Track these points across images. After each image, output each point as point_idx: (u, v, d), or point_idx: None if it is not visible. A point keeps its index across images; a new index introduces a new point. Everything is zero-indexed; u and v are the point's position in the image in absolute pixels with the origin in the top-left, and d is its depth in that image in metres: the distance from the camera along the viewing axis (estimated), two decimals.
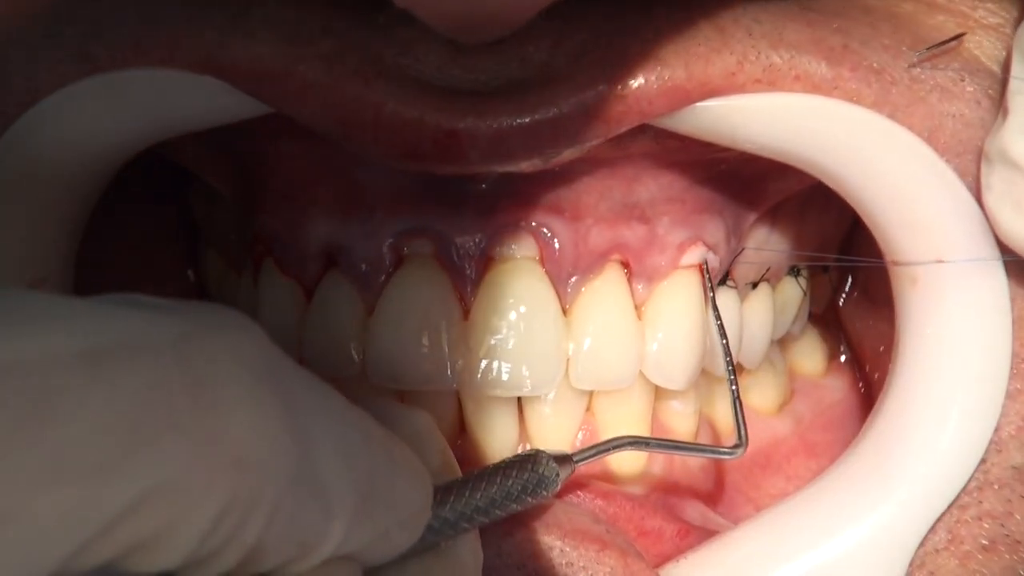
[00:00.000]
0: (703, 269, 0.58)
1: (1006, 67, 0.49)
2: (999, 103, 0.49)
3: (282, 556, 0.35)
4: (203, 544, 0.32)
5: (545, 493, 0.47)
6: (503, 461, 0.47)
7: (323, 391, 0.37)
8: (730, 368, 0.57)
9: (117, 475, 0.29)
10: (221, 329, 0.33)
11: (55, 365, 0.29)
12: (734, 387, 0.56)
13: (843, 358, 0.70)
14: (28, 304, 0.31)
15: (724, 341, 0.58)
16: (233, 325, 0.34)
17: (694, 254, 0.58)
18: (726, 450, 0.54)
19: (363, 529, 0.37)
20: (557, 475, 0.48)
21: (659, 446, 0.55)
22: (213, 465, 0.31)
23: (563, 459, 0.49)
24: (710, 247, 0.58)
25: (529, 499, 0.47)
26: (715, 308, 0.59)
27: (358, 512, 0.37)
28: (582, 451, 0.51)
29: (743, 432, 0.54)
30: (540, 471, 0.47)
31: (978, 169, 0.49)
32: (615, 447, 0.52)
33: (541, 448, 0.49)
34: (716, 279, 0.60)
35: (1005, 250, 0.49)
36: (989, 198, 0.48)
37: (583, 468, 0.57)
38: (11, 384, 0.28)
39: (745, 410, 0.55)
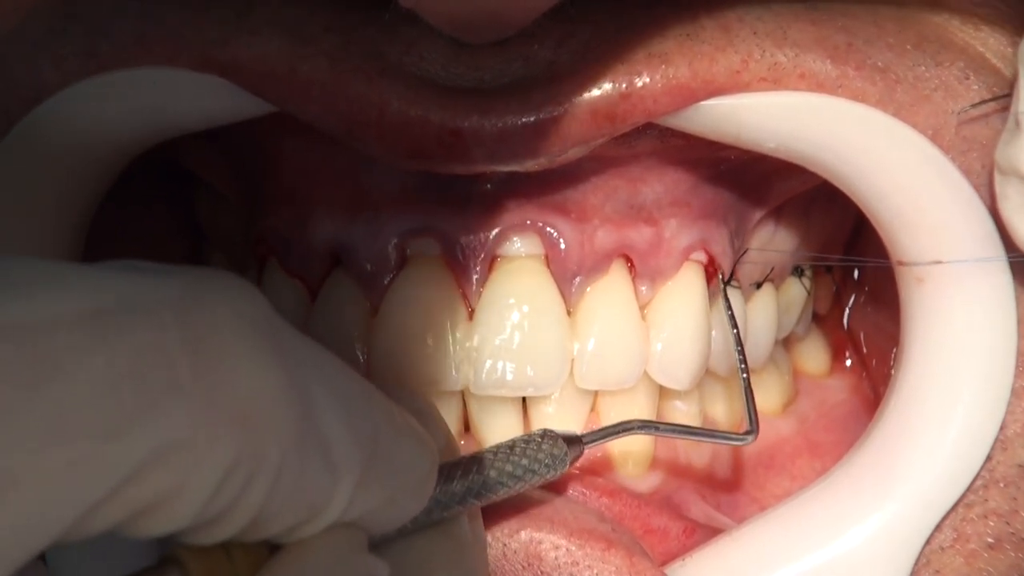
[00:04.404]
0: (709, 265, 0.58)
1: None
2: (1003, 101, 0.49)
3: (289, 519, 0.35)
4: (209, 505, 0.31)
5: (554, 472, 0.47)
6: (513, 439, 0.47)
7: (322, 353, 0.37)
8: (741, 357, 0.56)
9: (123, 435, 0.29)
10: (220, 289, 0.33)
11: (58, 326, 0.29)
12: (745, 375, 0.55)
13: (848, 361, 0.70)
14: (29, 268, 0.30)
15: (735, 331, 0.58)
16: (232, 286, 0.34)
17: (700, 256, 0.58)
18: (737, 436, 0.53)
19: (369, 492, 0.37)
20: (566, 455, 0.47)
21: (669, 430, 0.54)
22: (216, 423, 0.31)
23: (573, 440, 0.48)
24: (716, 252, 0.58)
25: (538, 477, 0.46)
26: (726, 298, 0.59)
27: (363, 474, 0.36)
28: (592, 432, 0.50)
29: (755, 419, 0.53)
30: (550, 450, 0.47)
31: (982, 167, 0.50)
32: (625, 430, 0.51)
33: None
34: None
35: (1012, 248, 0.49)
36: (1006, 208, 0.48)
37: (588, 467, 0.57)
38: (15, 345, 0.28)
39: None
